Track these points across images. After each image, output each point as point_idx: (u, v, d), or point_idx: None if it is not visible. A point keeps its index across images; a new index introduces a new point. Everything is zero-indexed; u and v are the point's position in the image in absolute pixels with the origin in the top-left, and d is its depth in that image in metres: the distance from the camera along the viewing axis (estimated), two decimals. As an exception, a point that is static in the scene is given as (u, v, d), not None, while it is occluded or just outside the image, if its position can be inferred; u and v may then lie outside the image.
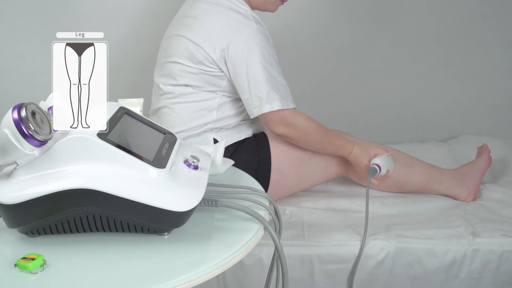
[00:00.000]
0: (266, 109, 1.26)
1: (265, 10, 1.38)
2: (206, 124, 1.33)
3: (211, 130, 1.34)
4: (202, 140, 1.32)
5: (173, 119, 1.33)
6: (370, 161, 1.35)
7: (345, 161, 1.44)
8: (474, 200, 1.49)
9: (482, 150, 1.58)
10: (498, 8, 1.94)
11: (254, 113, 1.28)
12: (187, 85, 1.31)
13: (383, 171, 1.33)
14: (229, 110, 1.34)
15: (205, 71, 1.29)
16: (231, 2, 1.29)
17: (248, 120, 1.40)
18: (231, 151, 1.32)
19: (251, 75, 1.25)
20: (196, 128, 1.33)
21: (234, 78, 1.28)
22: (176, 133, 1.30)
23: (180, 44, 1.30)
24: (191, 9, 1.33)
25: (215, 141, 1.32)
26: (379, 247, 1.25)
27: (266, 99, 1.25)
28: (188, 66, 1.29)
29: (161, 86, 1.35)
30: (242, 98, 1.29)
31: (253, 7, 1.35)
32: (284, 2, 1.38)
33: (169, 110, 1.34)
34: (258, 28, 1.28)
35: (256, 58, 1.25)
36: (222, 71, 1.29)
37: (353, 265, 1.24)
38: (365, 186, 1.51)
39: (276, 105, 1.26)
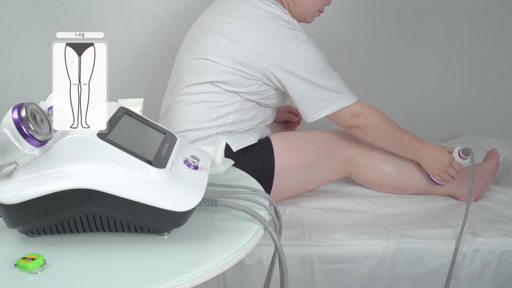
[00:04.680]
0: (332, 109, 1.28)
1: (304, 21, 1.38)
2: (221, 126, 1.32)
3: (223, 133, 1.33)
4: (212, 142, 1.31)
5: (187, 116, 1.31)
6: (448, 152, 1.40)
7: (347, 163, 1.43)
8: (475, 201, 1.49)
9: (491, 154, 1.57)
10: (498, 8, 1.94)
11: (315, 117, 1.30)
12: (214, 83, 1.29)
13: (469, 159, 1.39)
14: (246, 114, 1.34)
15: (239, 73, 1.27)
16: (277, 10, 1.29)
17: (259, 125, 1.40)
18: (236, 157, 1.31)
19: (312, 81, 1.26)
20: (211, 130, 1.31)
21: (288, 87, 1.28)
22: (188, 130, 1.30)
23: (217, 42, 1.28)
24: (231, 8, 1.31)
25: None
26: (379, 247, 1.25)
27: (330, 100, 1.28)
28: (223, 65, 1.27)
29: (184, 81, 1.32)
30: (299, 105, 1.30)
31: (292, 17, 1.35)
32: (321, 13, 1.39)
33: (185, 106, 1.32)
34: (306, 36, 1.29)
35: (314, 64, 1.27)
36: (257, 78, 1.28)
37: (449, 269, 1.25)
38: (367, 187, 1.52)
39: (342, 103, 1.29)
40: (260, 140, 1.39)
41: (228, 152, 1.29)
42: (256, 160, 1.34)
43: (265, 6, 1.29)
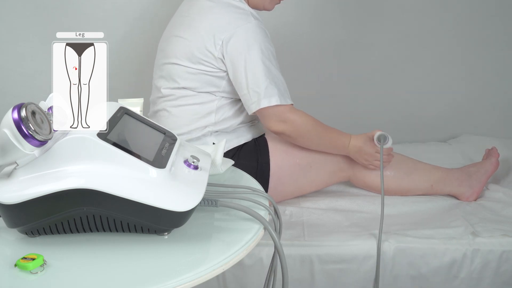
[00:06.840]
0: (264, 104, 1.24)
1: (263, 9, 1.37)
2: (205, 127, 1.32)
3: (211, 134, 1.33)
4: (201, 144, 1.31)
5: (172, 122, 1.33)
6: (371, 140, 1.35)
7: (347, 168, 1.43)
8: (475, 200, 1.49)
9: (491, 153, 1.57)
10: (498, 8, 1.94)
11: (252, 108, 1.27)
12: (185, 88, 1.31)
13: (390, 142, 1.34)
14: (227, 112, 1.34)
15: (205, 71, 1.28)
16: None
17: (248, 123, 1.39)
18: (229, 156, 1.31)
19: (250, 69, 1.24)
20: (196, 132, 1.32)
21: (232, 74, 1.27)
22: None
23: (179, 45, 1.30)
24: (189, 9, 1.33)
25: None
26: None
27: (264, 94, 1.24)
28: (188, 67, 1.28)
29: (160, 88, 1.34)
30: (240, 94, 1.28)
31: (251, 6, 1.34)
32: (281, 1, 1.38)
33: (167, 113, 1.34)
34: (257, 23, 1.27)
35: (255, 52, 1.24)
36: (221, 69, 1.28)
37: (376, 267, 1.24)
38: (367, 190, 1.52)
39: (274, 100, 1.25)
40: (255, 140, 1.39)
41: None
42: (250, 161, 1.34)
43: None
